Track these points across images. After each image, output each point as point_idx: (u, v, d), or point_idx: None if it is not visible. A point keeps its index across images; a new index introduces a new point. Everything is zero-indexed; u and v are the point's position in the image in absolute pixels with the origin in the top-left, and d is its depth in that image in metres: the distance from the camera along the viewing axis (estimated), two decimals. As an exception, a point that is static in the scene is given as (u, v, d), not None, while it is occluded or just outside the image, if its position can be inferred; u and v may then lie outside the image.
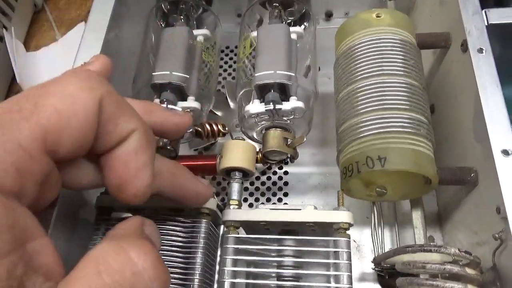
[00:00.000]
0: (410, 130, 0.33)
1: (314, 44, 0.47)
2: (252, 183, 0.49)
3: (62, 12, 0.77)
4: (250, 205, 0.48)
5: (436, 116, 0.44)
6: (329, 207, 0.46)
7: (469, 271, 0.28)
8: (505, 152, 0.30)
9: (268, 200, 0.48)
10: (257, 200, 0.48)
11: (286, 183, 0.49)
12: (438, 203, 0.45)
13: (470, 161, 0.36)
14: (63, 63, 0.71)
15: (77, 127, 0.20)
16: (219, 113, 0.53)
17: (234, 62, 0.59)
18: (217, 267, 0.40)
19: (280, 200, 0.48)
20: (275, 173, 0.50)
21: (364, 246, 0.44)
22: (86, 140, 0.21)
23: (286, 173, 0.50)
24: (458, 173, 0.35)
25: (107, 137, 0.21)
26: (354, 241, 0.45)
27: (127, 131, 0.22)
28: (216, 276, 0.40)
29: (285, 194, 0.48)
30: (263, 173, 0.50)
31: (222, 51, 0.59)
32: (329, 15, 0.59)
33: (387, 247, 0.44)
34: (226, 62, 0.59)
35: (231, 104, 0.52)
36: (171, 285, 0.34)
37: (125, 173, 0.22)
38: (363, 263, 0.43)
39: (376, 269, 0.39)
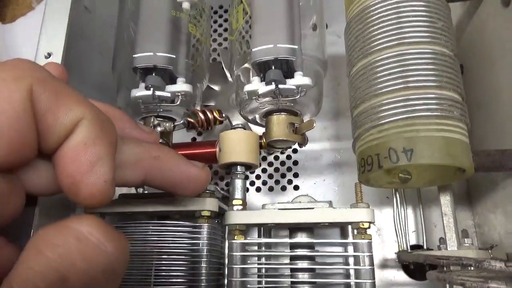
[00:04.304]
0: (441, 114, 0.28)
1: (321, 0, 0.40)
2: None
3: (36, -25, 0.69)
4: (258, 189, 0.44)
5: (466, 79, 0.38)
6: (345, 189, 0.43)
7: (516, 287, 0.24)
8: None
9: (277, 182, 0.44)
10: (264, 183, 0.44)
11: (295, 163, 0.44)
12: (468, 179, 0.40)
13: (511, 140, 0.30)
14: (44, 33, 0.64)
15: (6, 125, 0.17)
16: (215, 88, 0.47)
17: (230, 24, 0.52)
18: (227, 260, 0.37)
19: (290, 182, 0.44)
20: (283, 152, 0.45)
21: (385, 229, 0.40)
22: (24, 139, 0.18)
23: (295, 151, 0.45)
24: (498, 158, 0.29)
25: (51, 131, 0.18)
26: (374, 224, 0.40)
27: (72, 121, 0.18)
28: (226, 270, 0.37)
29: (295, 175, 0.44)
30: (270, 153, 0.45)
31: (215, 12, 0.52)
32: (335, -40, 0.51)
33: (411, 229, 0.40)
34: (220, 25, 0.52)
35: (229, 76, 0.46)
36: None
37: (75, 170, 0.18)
38: (385, 249, 0.40)
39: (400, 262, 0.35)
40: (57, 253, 0.16)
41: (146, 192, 0.37)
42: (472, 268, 0.25)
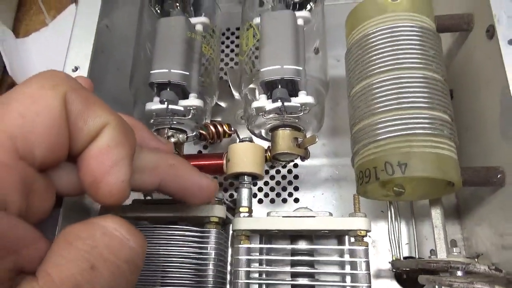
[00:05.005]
0: (432, 132, 0.31)
1: (323, 26, 0.44)
2: (260, 178, 0.47)
3: (50, -7, 0.72)
4: (260, 201, 0.46)
5: (455, 103, 0.41)
6: (343, 202, 0.45)
7: (499, 288, 0.26)
8: (540, 160, 0.27)
9: (278, 195, 0.46)
10: (266, 195, 0.46)
11: (296, 177, 0.47)
12: (457, 195, 0.43)
13: (496, 159, 0.33)
14: (56, 48, 0.67)
15: (44, 127, 0.19)
16: (222, 104, 0.50)
17: (236, 46, 0.55)
18: (229, 267, 0.39)
19: (290, 194, 0.46)
20: (284, 166, 0.47)
21: (380, 241, 0.43)
22: (59, 140, 0.20)
23: (296, 166, 0.47)
24: (484, 174, 0.32)
25: (79, 135, 0.21)
26: (370, 236, 0.43)
27: (98, 126, 0.21)
28: (228, 277, 0.39)
29: (296, 188, 0.46)
30: (272, 167, 0.48)
31: (223, 34, 0.56)
32: (336, -10, 0.55)
33: (404, 241, 0.42)
34: (227, 46, 0.55)
35: (235, 94, 0.49)
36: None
37: (97, 169, 0.21)
38: (379, 260, 0.42)
39: (394, 270, 0.37)
40: (87, 244, 0.18)
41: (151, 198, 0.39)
42: (459, 272, 0.28)
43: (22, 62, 0.66)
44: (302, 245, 0.36)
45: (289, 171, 0.47)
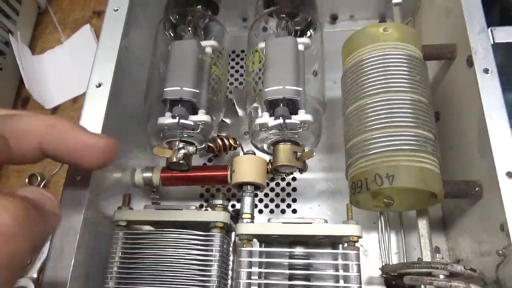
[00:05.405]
0: (417, 148, 0.34)
1: (322, 51, 0.48)
2: (261, 189, 0.50)
3: (66, 14, 0.77)
4: (260, 211, 0.49)
5: (440, 124, 0.45)
6: (337, 213, 0.49)
7: (474, 287, 0.29)
8: (509, 175, 0.31)
9: (277, 206, 0.50)
10: (266, 206, 0.50)
11: (294, 189, 0.50)
12: (443, 209, 0.46)
13: (475, 174, 0.37)
14: (69, 66, 0.72)
15: None
16: (227, 121, 0.54)
17: (241, 67, 0.59)
18: (230, 273, 0.42)
19: (289, 206, 0.49)
20: (283, 179, 0.51)
21: (371, 250, 0.46)
22: None
23: (294, 179, 0.51)
24: (463, 187, 0.36)
25: None
26: (362, 245, 0.46)
27: None
28: (230, 281, 0.41)
29: (294, 200, 0.50)
30: (272, 179, 0.51)
31: (228, 56, 0.60)
32: (334, 18, 0.59)
33: (393, 251, 0.46)
34: (232, 67, 0.60)
35: (239, 112, 0.53)
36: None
37: None
38: (370, 267, 0.45)
39: (384, 276, 0.40)
40: None
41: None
42: (441, 275, 0.31)
43: (37, 76, 0.70)
44: (299, 249, 0.39)
45: (288, 184, 0.51)
